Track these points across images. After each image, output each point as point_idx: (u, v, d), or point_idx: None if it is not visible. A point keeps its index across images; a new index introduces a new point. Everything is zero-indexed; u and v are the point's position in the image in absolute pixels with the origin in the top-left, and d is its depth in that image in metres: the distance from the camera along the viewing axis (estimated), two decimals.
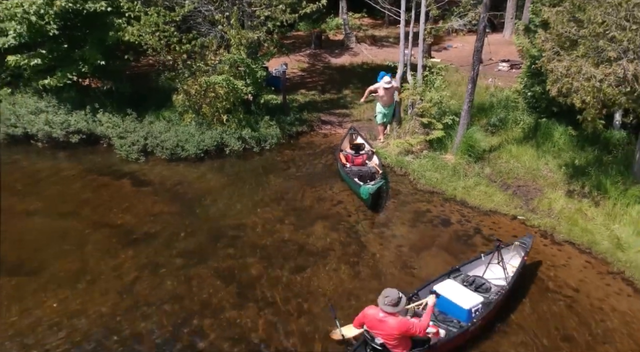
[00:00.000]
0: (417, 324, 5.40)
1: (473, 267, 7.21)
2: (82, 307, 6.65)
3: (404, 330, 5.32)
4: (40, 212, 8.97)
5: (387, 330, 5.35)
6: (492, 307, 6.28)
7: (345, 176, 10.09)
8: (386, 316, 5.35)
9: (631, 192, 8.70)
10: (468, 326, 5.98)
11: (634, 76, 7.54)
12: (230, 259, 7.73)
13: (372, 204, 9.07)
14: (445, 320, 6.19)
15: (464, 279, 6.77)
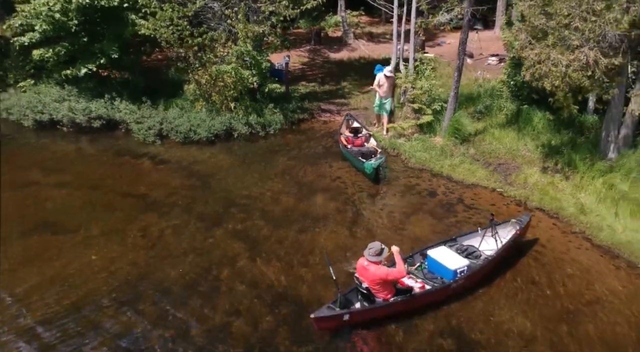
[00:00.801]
0: (393, 271, 6.33)
1: (469, 239, 7.92)
2: (117, 258, 7.74)
3: (383, 276, 6.27)
4: (71, 185, 10.08)
5: (370, 276, 6.34)
6: (475, 270, 7.00)
7: (348, 155, 11.18)
8: (369, 264, 6.34)
9: (597, 167, 9.78)
10: (450, 283, 6.86)
11: (594, 62, 8.62)
12: (242, 223, 8.82)
13: (375, 177, 10.20)
14: (432, 278, 7.08)
15: (458, 248, 7.59)
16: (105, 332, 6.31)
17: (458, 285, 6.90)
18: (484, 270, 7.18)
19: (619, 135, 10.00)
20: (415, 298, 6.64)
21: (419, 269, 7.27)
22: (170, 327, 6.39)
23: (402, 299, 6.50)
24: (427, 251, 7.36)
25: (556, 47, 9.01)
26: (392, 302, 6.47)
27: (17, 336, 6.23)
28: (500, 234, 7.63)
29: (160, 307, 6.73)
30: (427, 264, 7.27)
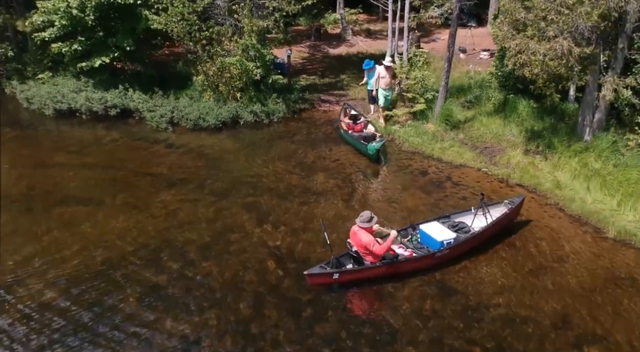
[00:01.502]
0: (377, 246, 7.07)
1: (462, 217, 8.47)
2: (139, 225, 8.69)
3: (368, 244, 7.06)
4: (93, 166, 11.04)
5: (358, 241, 7.18)
6: (460, 242, 7.63)
7: (350, 139, 12.12)
8: (360, 230, 7.18)
9: (573, 148, 10.71)
10: (434, 252, 7.58)
11: (568, 51, 9.56)
12: (250, 197, 9.76)
13: (377, 158, 11.15)
14: (419, 248, 7.84)
15: (450, 224, 8.27)
16: (134, 284, 7.24)
17: (443, 254, 7.53)
18: (469, 243, 7.79)
19: (593, 119, 10.92)
20: (400, 263, 7.41)
21: (410, 241, 8.03)
22: (189, 279, 7.33)
23: (388, 263, 7.29)
24: (420, 225, 8.12)
25: (534, 38, 9.96)
26: (378, 266, 7.24)
27: (58, 287, 7.16)
28: (492, 213, 8.14)
29: (180, 264, 7.67)
30: (420, 236, 8.03)
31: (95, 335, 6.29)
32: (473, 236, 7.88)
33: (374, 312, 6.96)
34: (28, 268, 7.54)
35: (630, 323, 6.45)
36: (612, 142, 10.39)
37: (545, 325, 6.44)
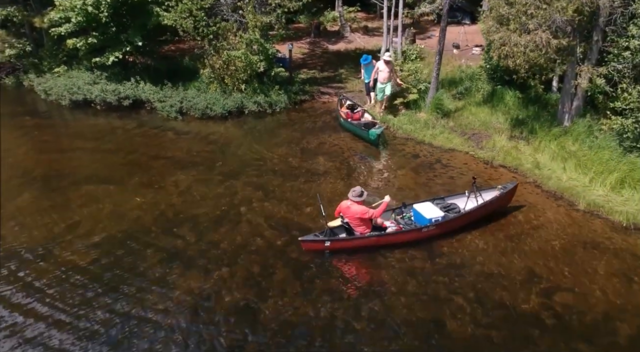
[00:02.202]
0: (371, 211, 7.94)
1: (456, 199, 9.03)
2: (156, 200, 9.60)
3: (362, 213, 7.89)
4: (110, 150, 11.98)
5: (351, 213, 8.02)
6: (447, 221, 8.22)
7: (350, 126, 13.03)
8: (352, 204, 8.01)
9: (553, 132, 11.63)
10: (420, 227, 8.32)
11: (546, 42, 10.47)
12: (256, 177, 10.67)
13: (377, 142, 12.08)
14: (409, 224, 8.60)
15: (442, 205, 8.93)
16: (154, 249, 8.14)
17: (429, 230, 8.19)
18: (455, 222, 8.36)
19: (572, 106, 11.84)
20: (388, 235, 8.17)
21: (402, 218, 8.79)
22: (204, 244, 8.24)
23: (376, 235, 8.09)
24: (414, 204, 8.86)
25: (516, 31, 10.87)
26: (367, 236, 8.06)
27: (87, 253, 8.07)
28: (484, 196, 8.73)
29: (195, 233, 8.58)
30: (413, 214, 8.78)
31: (123, 293, 7.14)
32: (459, 216, 8.43)
33: (367, 270, 7.85)
34: (59, 238, 8.45)
35: (593, 278, 7.36)
36: (587, 127, 11.30)
37: (519, 279, 7.36)
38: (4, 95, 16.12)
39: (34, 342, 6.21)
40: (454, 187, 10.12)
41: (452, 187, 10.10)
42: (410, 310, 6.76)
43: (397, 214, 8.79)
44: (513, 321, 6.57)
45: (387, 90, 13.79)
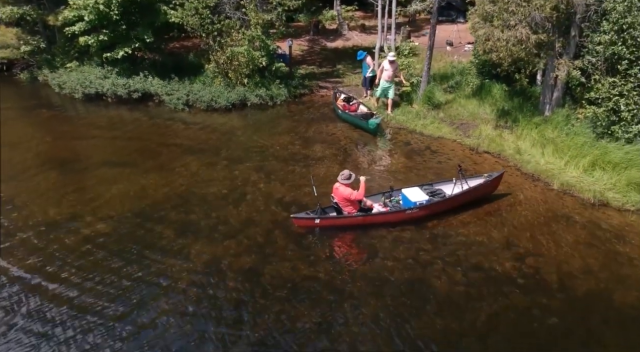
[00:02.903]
0: (355, 193, 8.68)
1: (443, 185, 9.62)
2: (167, 181, 10.49)
3: (348, 195, 8.69)
4: (122, 138, 12.87)
5: (339, 195, 8.82)
6: (430, 204, 8.89)
7: (349, 117, 13.91)
8: (340, 186, 8.80)
9: (534, 121, 12.51)
10: (405, 209, 9.06)
11: (526, 37, 11.36)
12: (259, 161, 11.56)
13: (376, 131, 12.96)
14: (396, 206, 9.29)
15: (429, 190, 9.63)
16: (167, 222, 9.02)
17: (412, 212, 8.85)
18: (438, 206, 8.98)
19: (552, 97, 12.72)
20: (374, 215, 8.92)
21: (391, 201, 9.47)
22: (212, 219, 9.12)
23: (363, 215, 8.86)
24: (403, 189, 9.58)
25: (499, 27, 11.77)
26: (354, 215, 8.84)
27: (107, 224, 8.96)
28: (470, 183, 9.27)
29: (204, 209, 9.46)
30: (401, 198, 9.50)
31: (141, 259, 7.97)
32: (443, 200, 9.06)
33: (360, 240, 8.71)
34: (81, 212, 9.34)
35: (561, 246, 8.24)
36: (566, 116, 12.18)
37: (495, 247, 8.25)
38: (20, 90, 17.04)
39: (61, 304, 7.02)
40: (441, 171, 11.02)
41: (440, 171, 11.00)
42: (397, 271, 7.64)
43: (386, 197, 9.48)
44: (488, 280, 7.46)
45: (390, 94, 14.30)
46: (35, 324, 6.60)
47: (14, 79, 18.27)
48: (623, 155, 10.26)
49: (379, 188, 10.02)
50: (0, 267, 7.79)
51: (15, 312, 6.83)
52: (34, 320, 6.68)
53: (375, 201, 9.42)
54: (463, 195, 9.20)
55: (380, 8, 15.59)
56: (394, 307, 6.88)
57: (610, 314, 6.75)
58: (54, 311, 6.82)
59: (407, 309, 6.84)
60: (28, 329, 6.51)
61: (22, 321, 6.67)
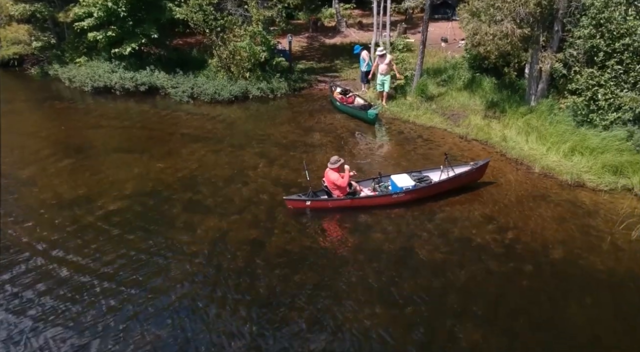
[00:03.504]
0: (340, 179, 9.36)
1: (431, 172, 10.16)
2: (176, 165, 11.25)
3: (334, 179, 9.37)
4: (131, 127, 13.65)
5: (328, 179, 9.51)
6: (415, 189, 9.43)
7: (347, 109, 14.68)
8: (329, 171, 9.48)
9: (520, 111, 13.26)
10: (391, 193, 9.68)
11: (512, 31, 12.11)
12: (261, 148, 12.32)
13: (374, 121, 13.73)
14: (384, 191, 9.94)
15: (417, 177, 10.25)
16: (177, 200, 9.78)
17: (398, 197, 9.40)
18: (423, 191, 9.50)
19: (537, 88, 13.47)
20: (361, 198, 9.53)
21: (380, 186, 10.13)
22: (218, 197, 9.87)
23: (350, 198, 9.48)
24: (392, 175, 10.21)
25: (486, 22, 12.52)
26: (342, 198, 9.49)
27: (122, 201, 9.71)
28: (456, 171, 9.71)
29: (210, 189, 10.22)
30: (390, 184, 10.13)
31: (154, 233, 8.73)
32: (428, 186, 9.57)
33: (352, 216, 9.42)
34: (96, 192, 10.10)
35: (538, 220, 8.97)
36: (550, 106, 12.92)
37: (477, 221, 8.99)
38: (32, 84, 17.83)
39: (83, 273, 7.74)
40: (431, 156, 11.78)
41: (430, 157, 11.76)
42: (387, 242, 8.39)
43: (376, 183, 10.09)
44: (470, 249, 8.20)
45: (386, 87, 15.03)
46: (62, 290, 7.32)
47: (25, 74, 19.06)
48: (600, 141, 11.02)
49: (372, 173, 10.74)
50: (26, 241, 8.53)
51: (42, 281, 7.56)
52: (59, 287, 7.40)
53: (366, 186, 10.05)
54: (448, 182, 9.74)
55: (375, 5, 16.35)
56: (383, 270, 7.64)
57: (578, 277, 7.49)
58: (77, 280, 7.52)
59: (395, 272, 7.60)
60: (55, 295, 7.21)
61: (48, 288, 7.40)
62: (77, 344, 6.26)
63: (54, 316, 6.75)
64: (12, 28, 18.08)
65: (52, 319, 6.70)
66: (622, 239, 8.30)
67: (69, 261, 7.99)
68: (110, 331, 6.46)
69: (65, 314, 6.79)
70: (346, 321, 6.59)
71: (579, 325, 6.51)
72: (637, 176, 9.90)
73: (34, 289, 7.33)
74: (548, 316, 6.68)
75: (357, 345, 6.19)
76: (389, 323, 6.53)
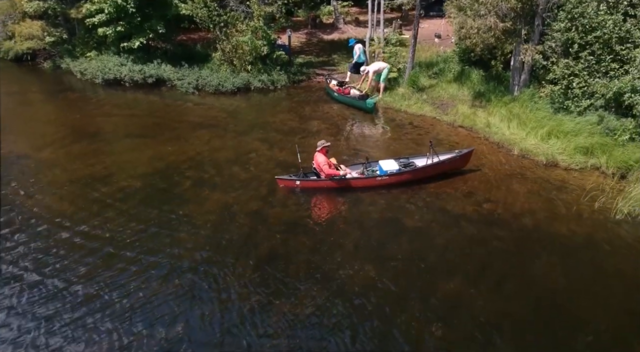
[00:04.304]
0: (326, 169, 10.14)
1: (416, 159, 10.89)
2: (184, 149, 12.23)
3: (320, 164, 10.20)
4: (140, 116, 14.64)
5: (316, 161, 10.38)
6: (398, 173, 10.21)
7: (346, 99, 15.65)
8: (318, 154, 10.39)
9: (503, 100, 14.23)
10: (375, 176, 10.52)
11: (495, 25, 13.08)
12: (262, 134, 13.29)
13: (373, 110, 14.70)
14: (370, 173, 10.78)
15: (404, 162, 11.05)
16: (186, 178, 10.75)
17: (382, 180, 10.18)
18: (406, 175, 10.23)
19: (520, 79, 14.44)
20: (347, 180, 10.30)
21: (370, 171, 10.85)
22: (224, 176, 10.84)
23: (337, 179, 10.24)
24: (380, 161, 11.02)
25: (471, 16, 13.50)
26: (329, 179, 10.24)
27: (136, 179, 10.68)
28: (441, 158, 10.43)
29: (216, 169, 11.18)
30: (378, 168, 10.91)
31: (166, 205, 9.68)
32: (411, 171, 10.32)
33: (346, 194, 10.42)
34: (112, 171, 11.07)
35: (514, 195, 9.94)
36: (531, 95, 13.89)
37: (458, 195, 9.96)
38: (45, 77, 18.83)
39: (104, 240, 8.70)
40: (420, 141, 12.75)
41: (418, 142, 12.73)
42: (375, 212, 9.37)
43: (365, 167, 10.85)
44: (450, 218, 9.16)
45: (383, 74, 15.91)
46: (90, 258, 8.29)
47: (39, 68, 20.06)
48: (574, 125, 11.99)
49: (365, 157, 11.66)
50: (49, 214, 9.49)
51: (66, 249, 8.53)
52: (86, 254, 8.36)
53: (356, 169, 10.83)
54: (431, 167, 10.48)
55: (370, 2, 17.31)
56: (371, 234, 8.62)
57: (543, 239, 8.46)
58: (99, 248, 8.47)
59: (382, 236, 8.57)
60: (79, 261, 8.15)
61: (73, 255, 8.37)
62: (106, 299, 7.22)
63: (85, 278, 7.69)
64: (26, 24, 19.06)
65: (83, 279, 7.65)
66: (586, 209, 9.29)
67: (91, 230, 8.91)
68: (134, 288, 7.41)
69: (93, 276, 7.74)
70: (336, 274, 7.56)
71: (537, 278, 7.48)
72: (604, 155, 10.87)
73: (59, 256, 8.18)
74: (512, 270, 7.65)
75: (344, 291, 7.16)
76: (375, 276, 7.50)
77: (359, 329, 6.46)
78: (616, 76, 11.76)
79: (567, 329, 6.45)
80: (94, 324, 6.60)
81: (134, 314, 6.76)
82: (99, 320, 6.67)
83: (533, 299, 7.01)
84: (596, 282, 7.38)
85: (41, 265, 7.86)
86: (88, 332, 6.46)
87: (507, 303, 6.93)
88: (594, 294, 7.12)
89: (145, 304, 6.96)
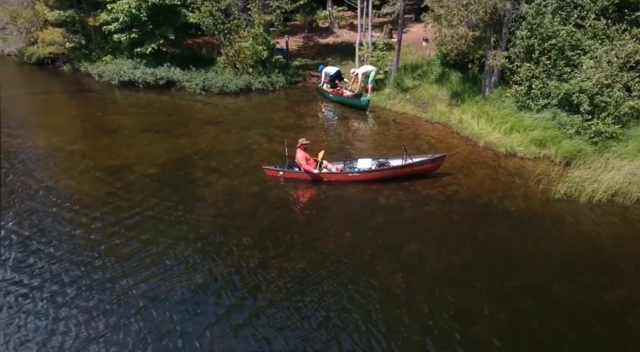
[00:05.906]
0: (304, 164, 11.96)
1: (393, 159, 12.12)
2: (195, 142, 14.09)
3: (298, 159, 11.96)
4: (154, 113, 16.50)
5: (296, 156, 12.18)
6: (370, 171, 11.52)
7: (341, 99, 17.53)
8: (298, 150, 12.16)
9: (475, 99, 16.08)
10: (348, 172, 12.06)
11: (466, 34, 14.95)
12: (263, 130, 15.16)
13: (366, 107, 16.54)
14: (347, 169, 12.53)
15: (379, 162, 12.56)
16: (196, 166, 12.59)
17: (353, 175, 11.59)
18: (376, 173, 11.51)
19: (491, 81, 16.30)
20: (323, 174, 11.83)
21: (348, 167, 12.49)
22: (229, 164, 12.69)
23: (316, 172, 11.81)
24: (359, 159, 12.59)
25: (445, 26, 15.36)
26: (307, 172, 11.82)
27: (154, 167, 12.52)
28: (414, 160, 11.63)
29: (224, 158, 13.04)
30: (357, 166, 12.61)
31: (180, 188, 11.55)
32: (381, 170, 11.58)
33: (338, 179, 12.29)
34: (133, 161, 12.92)
35: (473, 179, 11.79)
36: (499, 95, 15.75)
37: (428, 181, 11.80)
38: (66, 79, 20.71)
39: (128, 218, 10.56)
40: (400, 136, 14.60)
41: (399, 137, 14.57)
42: (356, 195, 11.22)
43: (345, 164, 12.44)
44: (418, 197, 11.01)
45: (371, 76, 17.85)
46: (114, 227, 10.15)
47: (59, 71, 21.94)
48: (532, 121, 13.85)
49: (349, 149, 13.55)
50: (81, 198, 11.34)
51: (99, 223, 10.39)
52: (112, 225, 10.22)
53: (337, 165, 12.40)
54: (402, 168, 11.66)
55: (359, 9, 19.19)
56: (353, 213, 10.48)
57: (495, 214, 10.31)
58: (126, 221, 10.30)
59: (363, 212, 10.41)
60: (108, 232, 10.01)
61: (103, 228, 10.23)
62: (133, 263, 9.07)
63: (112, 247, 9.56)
64: (49, 31, 20.90)
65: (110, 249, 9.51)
66: (532, 190, 11.15)
67: (116, 208, 10.76)
68: (163, 246, 9.28)
69: (118, 246, 9.60)
70: (323, 242, 9.42)
71: (490, 241, 9.30)
72: (554, 146, 12.75)
73: (90, 228, 10.07)
74: (469, 236, 9.49)
75: (330, 252, 9.02)
76: (353, 241, 9.36)
77: (338, 279, 8.33)
78: (568, 79, 13.63)
79: (510, 275, 8.25)
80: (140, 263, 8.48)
81: (166, 258, 8.65)
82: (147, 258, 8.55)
83: (485, 256, 8.83)
84: (536, 244, 9.22)
85: (89, 232, 9.75)
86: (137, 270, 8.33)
87: (462, 259, 8.73)
88: (534, 252, 8.95)
89: (172, 257, 8.85)
